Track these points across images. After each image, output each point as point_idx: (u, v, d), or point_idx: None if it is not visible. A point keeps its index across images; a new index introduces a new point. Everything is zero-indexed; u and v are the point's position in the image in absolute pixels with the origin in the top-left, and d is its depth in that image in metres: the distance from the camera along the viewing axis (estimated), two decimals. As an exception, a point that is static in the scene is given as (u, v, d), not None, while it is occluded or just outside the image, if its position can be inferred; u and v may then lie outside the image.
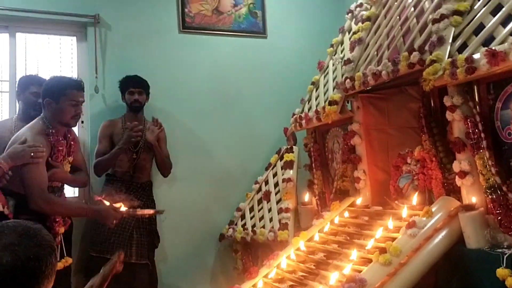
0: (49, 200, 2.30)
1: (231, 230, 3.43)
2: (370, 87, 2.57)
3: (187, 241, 3.55)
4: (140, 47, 3.55)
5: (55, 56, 3.51)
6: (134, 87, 3.22)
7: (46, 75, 2.98)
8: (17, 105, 2.97)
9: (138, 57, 3.52)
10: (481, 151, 1.90)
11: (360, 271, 1.93)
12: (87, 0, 3.43)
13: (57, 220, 2.43)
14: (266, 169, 3.50)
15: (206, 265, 3.61)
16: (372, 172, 2.67)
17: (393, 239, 2.01)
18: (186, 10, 3.70)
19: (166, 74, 3.60)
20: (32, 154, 2.22)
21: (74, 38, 3.53)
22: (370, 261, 1.97)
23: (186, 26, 3.70)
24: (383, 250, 1.89)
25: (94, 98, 3.40)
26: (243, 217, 3.44)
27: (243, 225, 3.37)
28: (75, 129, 3.40)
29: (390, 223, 2.17)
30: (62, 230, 2.48)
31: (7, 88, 3.32)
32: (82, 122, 3.43)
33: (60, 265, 2.39)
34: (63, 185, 2.65)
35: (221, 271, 3.62)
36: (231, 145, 3.77)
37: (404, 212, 2.21)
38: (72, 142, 2.58)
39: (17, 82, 2.99)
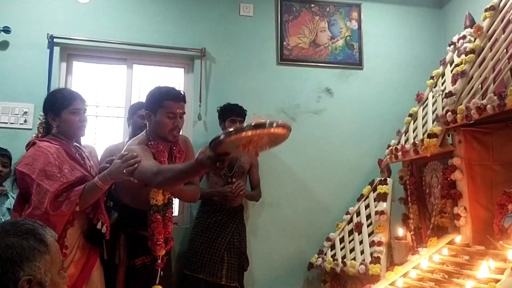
0: (160, 179, 2.05)
1: (320, 259, 3.43)
2: (473, 121, 2.49)
3: (276, 267, 3.61)
4: (240, 78, 3.78)
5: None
6: (237, 116, 3.34)
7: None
8: (129, 129, 3.23)
9: (238, 87, 3.75)
10: None
11: (459, 312, 1.85)
12: (195, 35, 3.75)
13: (159, 242, 2.32)
14: (358, 200, 3.48)
15: (295, 293, 3.64)
16: (474, 209, 2.54)
17: (496, 280, 1.90)
18: (284, 43, 3.88)
19: (263, 103, 3.77)
20: (125, 170, 2.11)
21: (182, 70, 3.87)
22: (470, 302, 1.88)
23: (284, 58, 3.86)
24: (486, 292, 1.80)
25: (197, 125, 3.66)
26: (333, 247, 3.42)
27: (333, 256, 3.35)
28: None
29: (492, 263, 2.05)
30: (162, 252, 2.36)
31: (122, 114, 3.69)
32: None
33: None
34: (171, 201, 2.51)
35: (309, 300, 3.62)
36: (324, 174, 3.81)
37: (510, 253, 2.08)
38: (178, 155, 2.47)
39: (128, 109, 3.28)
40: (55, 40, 3.48)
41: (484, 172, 2.63)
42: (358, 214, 3.37)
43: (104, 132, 3.67)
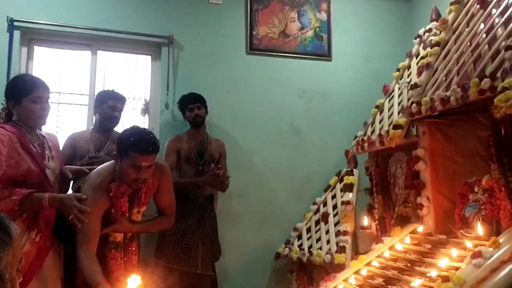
0: (80, 254, 2.15)
1: (287, 249, 3.45)
2: (437, 113, 2.54)
3: (244, 257, 3.61)
4: (209, 67, 3.73)
5: (131, 73, 3.76)
6: (192, 103, 3.36)
7: (122, 90, 3.18)
8: (94, 117, 3.15)
9: (206, 76, 3.70)
10: (556, 182, 1.82)
11: (420, 299, 1.89)
12: (163, 21, 3.66)
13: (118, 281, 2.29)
14: (325, 190, 3.50)
15: (261, 283, 3.64)
16: (436, 199, 2.60)
17: (457, 268, 1.94)
18: (254, 32, 3.84)
19: (231, 93, 3.74)
20: (71, 217, 2.14)
21: (150, 57, 3.78)
22: (431, 289, 1.92)
23: (254, 47, 3.83)
24: (445, 279, 1.84)
25: (164, 114, 3.59)
26: (299, 237, 3.45)
27: (300, 246, 3.37)
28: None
29: (454, 251, 2.10)
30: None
31: (86, 101, 3.58)
32: (152, 135, 3.64)
33: None
34: (134, 236, 2.53)
35: (275, 289, 3.64)
36: (292, 165, 3.83)
37: (468, 241, 2.14)
38: (144, 194, 2.40)
39: (95, 96, 3.19)
40: (15, 23, 3.33)
41: (446, 163, 2.69)
42: (325, 204, 3.40)
43: (67, 120, 3.55)
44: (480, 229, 2.20)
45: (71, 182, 2.66)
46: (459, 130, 2.72)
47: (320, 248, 3.16)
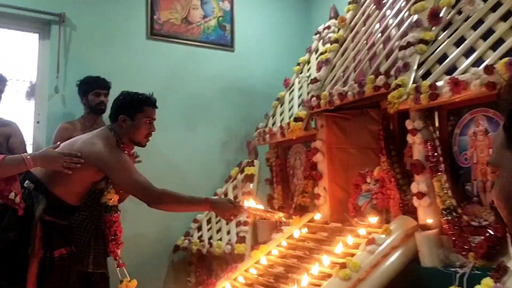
0: (158, 199, 2.24)
1: (186, 241, 3.39)
2: (334, 107, 2.65)
3: (142, 251, 3.45)
4: (105, 50, 3.48)
5: (16, 52, 3.37)
6: (101, 89, 3.10)
7: (5, 70, 2.85)
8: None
9: (103, 59, 3.45)
10: (439, 174, 1.99)
11: (319, 286, 1.96)
12: (53, -3, 3.34)
13: (120, 242, 2.44)
14: (226, 181, 3.50)
15: (159, 277, 3.53)
16: (332, 189, 2.73)
17: (352, 255, 2.05)
18: (155, 17, 3.67)
19: (129, 79, 3.51)
20: (64, 164, 2.11)
21: (37, 35, 3.41)
22: (328, 276, 2.00)
23: (154, 32, 3.67)
24: (343, 265, 1.93)
25: (53, 99, 3.28)
26: (199, 229, 3.41)
27: (200, 237, 3.33)
28: (30, 129, 3.29)
29: (350, 239, 2.22)
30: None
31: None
32: (38, 122, 3.30)
33: None
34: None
35: (174, 283, 3.55)
36: (192, 155, 3.74)
37: (362, 229, 2.27)
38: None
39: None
40: None
41: (341, 155, 2.84)
42: (226, 195, 3.39)
43: None
44: (372, 217, 2.35)
45: None
46: (353, 124, 2.87)
47: (220, 239, 3.15)
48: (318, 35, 3.34)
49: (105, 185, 2.51)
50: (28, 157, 2.09)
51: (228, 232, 3.16)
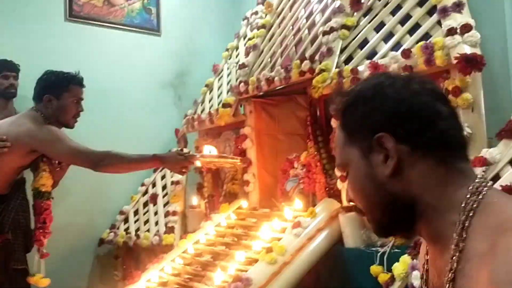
0: (102, 160, 2.19)
1: (112, 234, 3.25)
2: (262, 93, 2.64)
3: (63, 245, 3.24)
4: (18, 31, 3.20)
5: None
6: (10, 71, 2.90)
7: None
8: None
9: (14, 41, 3.16)
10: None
11: (245, 271, 1.95)
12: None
13: (48, 231, 2.38)
14: (154, 171, 3.38)
15: (83, 272, 3.35)
16: (261, 175, 2.72)
17: (279, 239, 2.06)
18: (74, -3, 3.44)
19: (44, 63, 3.26)
20: None
21: None
22: (256, 261, 1.99)
23: (74, 14, 3.44)
24: (269, 250, 1.93)
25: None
26: (126, 220, 3.28)
27: (126, 229, 3.21)
28: None
29: (277, 223, 2.22)
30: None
31: None
32: None
33: None
34: None
35: (99, 278, 3.39)
36: (119, 145, 3.52)
37: (288, 213, 2.29)
38: None
39: None
40: None
41: (270, 141, 2.84)
42: (154, 185, 3.30)
43: None
44: (298, 201, 2.37)
45: None
46: (282, 110, 2.88)
47: (148, 231, 3.06)
48: (246, 21, 3.31)
49: (35, 171, 2.38)
50: None
51: (157, 223, 3.07)
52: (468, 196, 0.71)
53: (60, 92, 2.24)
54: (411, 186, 0.75)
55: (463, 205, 0.71)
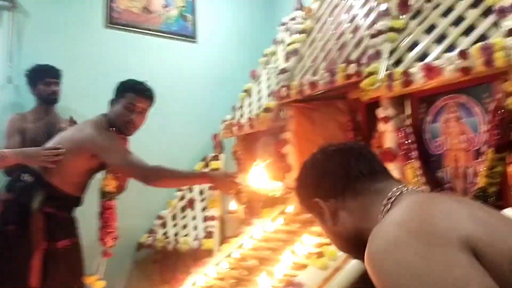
0: (156, 175, 2.21)
1: (150, 239, 3.27)
2: (304, 97, 2.62)
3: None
4: (61, 39, 3.29)
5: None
6: (52, 77, 2.95)
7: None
8: None
9: (58, 49, 3.25)
10: (411, 161, 2.00)
11: (294, 276, 1.92)
12: (3, -18, 3.11)
13: (110, 231, 2.47)
14: (191, 176, 3.39)
15: (122, 275, 3.38)
16: (302, 180, 2.70)
17: (327, 244, 2.03)
18: (113, 4, 3.51)
19: (86, 70, 3.36)
20: (43, 158, 2.14)
21: (-15, 22, 3.18)
22: (303, 266, 1.97)
23: (113, 21, 3.51)
24: (320, 255, 1.90)
25: (7, 89, 3.07)
26: (164, 225, 3.30)
27: (164, 234, 3.23)
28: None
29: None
30: (111, 243, 2.51)
31: None
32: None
33: None
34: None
35: (137, 282, 3.41)
36: (156, 151, 3.58)
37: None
38: None
39: None
40: None
41: (310, 146, 2.79)
42: (191, 190, 3.31)
43: None
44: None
45: None
46: (321, 115, 2.86)
47: (187, 235, 3.07)
48: (283, 26, 3.31)
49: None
50: (10, 153, 2.18)
51: (195, 228, 3.08)
52: (382, 208, 0.93)
53: (118, 98, 2.31)
54: (351, 223, 1.00)
55: (379, 216, 0.93)
